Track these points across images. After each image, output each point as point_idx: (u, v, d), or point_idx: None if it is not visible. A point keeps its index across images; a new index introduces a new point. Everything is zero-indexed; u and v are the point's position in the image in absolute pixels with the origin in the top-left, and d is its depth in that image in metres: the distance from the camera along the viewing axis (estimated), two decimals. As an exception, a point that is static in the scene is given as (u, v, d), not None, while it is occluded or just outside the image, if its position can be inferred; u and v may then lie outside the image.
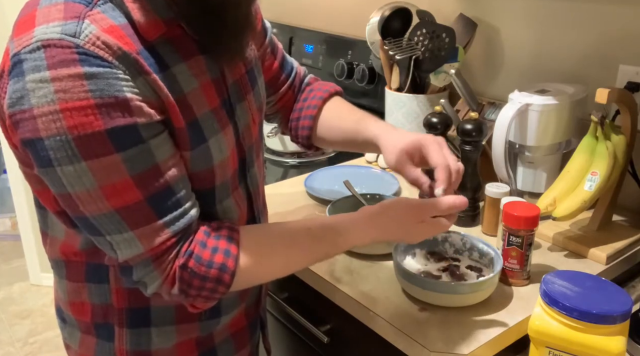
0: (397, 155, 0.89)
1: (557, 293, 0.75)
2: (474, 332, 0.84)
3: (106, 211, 0.67)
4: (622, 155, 1.03)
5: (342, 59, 1.75)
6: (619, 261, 1.03)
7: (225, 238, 0.74)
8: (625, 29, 1.17)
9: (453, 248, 1.00)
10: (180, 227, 0.71)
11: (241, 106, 0.82)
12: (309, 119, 1.03)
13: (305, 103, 1.05)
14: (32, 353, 2.35)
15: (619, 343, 0.73)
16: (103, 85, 0.63)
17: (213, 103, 0.76)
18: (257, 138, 0.88)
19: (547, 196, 1.03)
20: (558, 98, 1.10)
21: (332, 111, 1.04)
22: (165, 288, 0.73)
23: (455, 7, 1.45)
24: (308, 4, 1.99)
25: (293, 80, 1.06)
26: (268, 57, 1.01)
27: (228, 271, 0.73)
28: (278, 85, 1.04)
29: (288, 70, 1.06)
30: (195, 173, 0.75)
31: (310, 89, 1.07)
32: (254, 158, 0.87)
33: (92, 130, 0.63)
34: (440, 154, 0.85)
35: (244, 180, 0.85)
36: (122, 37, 0.66)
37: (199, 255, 0.72)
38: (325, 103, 1.04)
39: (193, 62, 0.74)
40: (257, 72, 0.89)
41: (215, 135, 0.76)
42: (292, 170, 1.47)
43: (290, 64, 1.07)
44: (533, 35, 1.33)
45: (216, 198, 0.79)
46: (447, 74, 1.33)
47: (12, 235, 3.17)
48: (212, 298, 0.75)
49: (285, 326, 1.18)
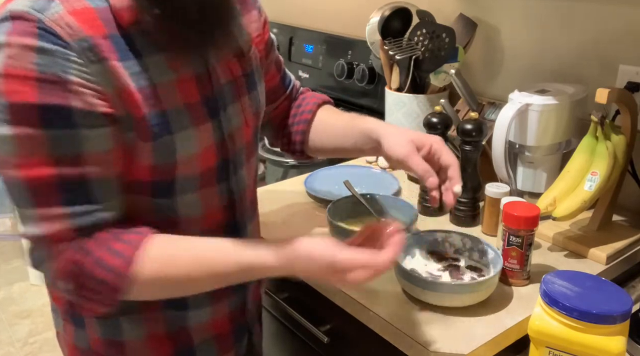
0: (407, 146, 0.86)
1: (557, 293, 0.76)
2: (474, 332, 0.84)
3: (18, 181, 0.68)
4: (622, 155, 1.03)
5: (342, 59, 1.75)
6: (619, 261, 1.03)
7: (128, 244, 0.71)
8: (625, 29, 1.17)
9: (453, 248, 1.00)
10: (83, 223, 0.70)
11: (233, 107, 0.82)
12: (304, 123, 1.03)
13: (299, 109, 1.06)
14: (32, 353, 2.35)
15: (619, 343, 0.73)
16: (51, 62, 0.65)
17: (190, 98, 0.76)
18: (249, 142, 0.88)
19: (547, 196, 1.03)
20: (558, 98, 1.10)
21: (326, 114, 1.05)
22: (57, 281, 0.71)
23: (455, 7, 1.45)
24: (308, 4, 1.99)
25: (290, 91, 1.07)
26: (273, 69, 1.02)
27: (120, 276, 0.70)
28: (277, 95, 1.05)
29: (287, 82, 1.07)
30: (157, 166, 0.75)
31: (303, 97, 1.08)
32: (243, 161, 0.87)
33: (26, 101, 0.65)
34: (451, 153, 0.87)
35: (225, 182, 0.84)
36: (92, 20, 0.68)
37: (95, 253, 0.70)
38: (319, 108, 1.05)
39: (174, 55, 0.74)
40: (258, 78, 0.89)
41: (185, 130, 0.75)
42: (292, 170, 1.47)
43: (289, 77, 1.08)
44: (533, 35, 1.33)
45: (176, 190, 0.78)
46: (447, 74, 1.33)
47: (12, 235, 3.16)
48: (105, 303, 0.72)
49: (285, 326, 1.18)
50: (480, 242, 0.97)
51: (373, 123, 0.95)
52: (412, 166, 0.85)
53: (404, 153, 0.86)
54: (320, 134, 1.03)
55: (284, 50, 2.02)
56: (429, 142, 0.87)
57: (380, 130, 0.92)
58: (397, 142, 0.88)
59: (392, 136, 0.90)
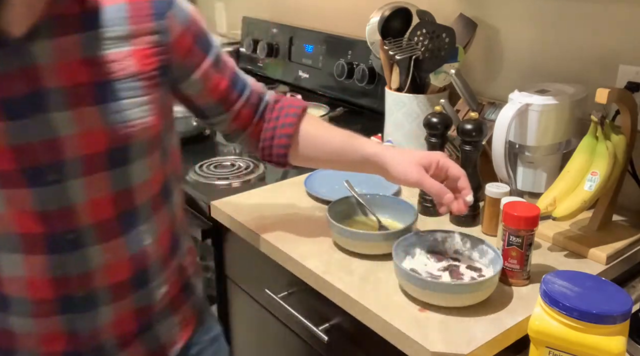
0: (416, 171, 0.92)
1: (557, 293, 0.76)
2: (474, 332, 0.84)
3: None
4: (622, 155, 1.03)
5: (342, 59, 1.75)
6: (619, 261, 1.03)
7: None
8: (625, 29, 1.17)
9: (453, 248, 1.00)
10: None
11: (63, 115, 0.75)
12: (286, 138, 1.00)
13: (278, 121, 1.01)
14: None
15: (619, 343, 0.73)
16: None
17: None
18: (95, 155, 0.78)
19: (547, 196, 1.03)
20: (558, 98, 1.10)
21: (314, 129, 1.02)
22: None
23: (455, 7, 1.45)
24: (308, 4, 1.99)
25: (248, 96, 1.00)
26: (214, 76, 0.94)
27: None
28: (230, 103, 0.98)
29: (240, 87, 0.99)
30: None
31: (280, 107, 1.03)
32: (78, 172, 0.78)
33: None
34: (457, 165, 0.93)
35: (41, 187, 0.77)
36: None
37: None
38: (301, 120, 1.02)
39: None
40: (129, 91, 0.80)
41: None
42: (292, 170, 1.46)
43: (243, 82, 1.00)
44: (533, 35, 1.33)
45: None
46: (447, 74, 1.33)
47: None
48: None
49: (285, 325, 1.18)
50: (480, 242, 0.97)
51: (374, 149, 0.96)
52: (427, 189, 0.92)
53: (416, 179, 0.92)
54: (310, 149, 1.02)
55: (284, 50, 2.02)
56: (435, 160, 0.93)
57: (384, 158, 0.94)
58: (405, 169, 0.92)
59: (398, 164, 0.93)
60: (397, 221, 1.11)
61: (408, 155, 0.94)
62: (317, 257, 1.03)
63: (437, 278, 0.93)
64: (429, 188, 0.91)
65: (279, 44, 2.04)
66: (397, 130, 1.39)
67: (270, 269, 1.15)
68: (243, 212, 1.19)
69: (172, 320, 0.94)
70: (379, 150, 0.96)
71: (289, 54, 2.00)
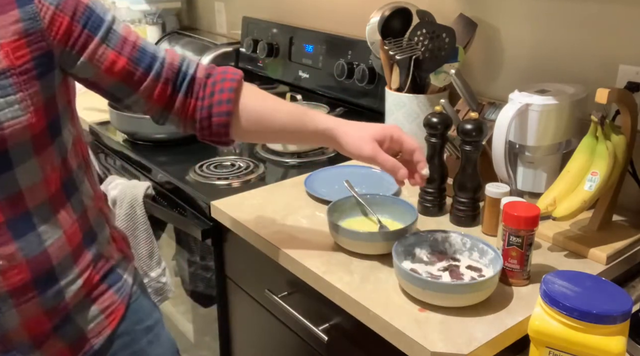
0: (369, 144, 0.90)
1: (557, 293, 0.76)
2: (474, 332, 0.84)
3: None
4: (622, 155, 1.03)
5: (342, 59, 1.75)
6: (619, 261, 1.03)
7: None
8: (625, 29, 1.17)
9: (453, 248, 1.00)
10: None
11: None
12: (225, 116, 0.92)
13: (213, 98, 0.92)
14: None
15: (619, 343, 0.73)
16: None
17: None
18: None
19: (547, 196, 1.03)
20: (558, 98, 1.10)
21: (258, 103, 0.94)
22: None
23: (455, 7, 1.45)
24: (308, 4, 1.99)
25: (159, 72, 0.90)
26: (107, 57, 0.85)
27: None
28: (135, 82, 0.89)
29: (146, 63, 0.89)
30: None
31: (213, 82, 0.93)
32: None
33: None
34: (412, 138, 0.92)
35: None
36: None
37: None
38: (239, 94, 0.93)
39: None
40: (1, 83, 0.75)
41: None
42: (292, 170, 1.47)
43: (151, 56, 0.89)
44: (533, 35, 1.33)
45: None
46: (447, 74, 1.33)
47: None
48: None
49: (285, 325, 1.18)
50: (480, 242, 0.97)
51: (325, 123, 0.93)
52: (380, 164, 0.90)
53: (369, 154, 0.89)
54: (255, 125, 0.94)
55: (284, 50, 2.02)
56: (389, 133, 0.91)
57: (337, 132, 0.92)
58: (358, 142, 0.90)
59: (351, 137, 0.90)
60: (397, 221, 1.11)
61: (362, 130, 0.91)
62: (317, 257, 1.03)
63: (437, 278, 0.93)
64: (382, 163, 0.89)
65: (279, 44, 2.04)
66: (397, 130, 1.39)
67: (271, 269, 1.15)
68: (243, 212, 1.19)
69: (93, 310, 0.91)
70: (331, 125, 0.93)
71: (289, 54, 2.00)
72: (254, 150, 1.59)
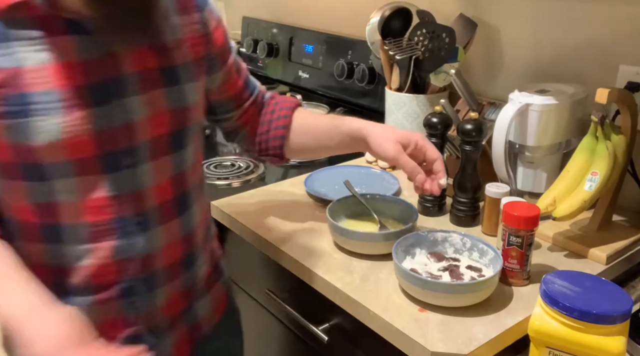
0: (394, 146, 0.95)
1: (557, 293, 0.76)
2: (474, 332, 0.84)
3: None
4: (622, 155, 1.03)
5: (342, 59, 1.75)
6: (619, 261, 1.03)
7: None
8: (625, 29, 1.17)
9: (453, 248, 1.00)
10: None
11: (136, 99, 0.79)
12: (282, 129, 1.06)
13: (274, 115, 1.07)
14: (32, 353, 2.34)
15: (619, 343, 0.73)
16: None
17: (64, 84, 0.74)
18: (160, 138, 0.83)
19: (547, 196, 1.03)
20: (558, 98, 1.10)
21: (303, 117, 1.08)
22: None
23: (455, 7, 1.45)
24: (308, 4, 1.99)
25: (255, 98, 1.09)
26: (234, 75, 1.03)
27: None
28: (241, 101, 1.06)
29: (251, 87, 1.08)
30: (16, 145, 0.74)
31: (275, 102, 1.09)
32: (146, 156, 0.82)
33: None
34: (435, 148, 0.97)
35: (115, 173, 0.79)
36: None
37: None
38: (294, 112, 1.08)
39: (56, 41, 0.73)
40: (185, 76, 0.86)
41: (48, 114, 0.73)
42: (292, 170, 1.47)
43: (254, 84, 1.09)
44: (533, 35, 1.33)
45: (50, 174, 0.76)
46: (447, 74, 1.33)
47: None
48: None
49: (285, 326, 1.18)
50: (480, 242, 0.97)
51: (356, 124, 1.02)
52: (401, 165, 0.95)
53: (392, 154, 0.96)
54: (300, 136, 1.07)
55: (284, 50, 2.02)
56: (414, 140, 0.97)
57: (366, 131, 0.99)
58: (384, 143, 0.96)
59: (378, 137, 0.97)
60: (397, 221, 1.11)
61: (389, 132, 0.98)
62: (317, 256, 1.03)
63: (437, 278, 0.93)
64: (403, 164, 0.95)
65: (279, 44, 2.04)
66: (397, 130, 1.39)
67: (271, 269, 1.15)
68: (243, 212, 1.19)
69: (207, 298, 0.97)
70: (362, 125, 1.01)
71: (289, 54, 2.00)
72: (254, 150, 1.59)
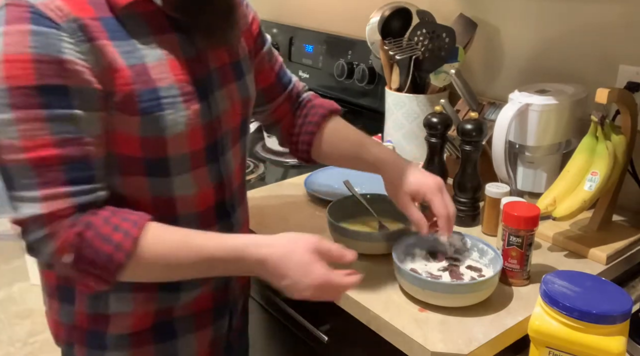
0: (401, 197, 0.95)
1: (557, 293, 0.75)
2: (474, 332, 0.84)
3: (22, 163, 0.70)
4: (622, 155, 1.03)
5: (342, 59, 1.75)
6: (619, 261, 1.03)
7: (130, 222, 0.75)
8: (625, 28, 1.17)
9: (453, 248, 1.00)
10: (85, 200, 0.73)
11: (220, 92, 0.86)
12: (308, 135, 1.06)
13: (306, 119, 1.07)
14: (32, 353, 2.35)
15: (619, 343, 0.73)
16: (44, 43, 0.69)
17: (181, 79, 0.79)
18: (235, 128, 0.91)
19: (547, 196, 1.03)
20: (558, 98, 1.10)
21: (333, 131, 1.06)
22: (57, 256, 0.73)
23: (455, 7, 1.45)
24: (308, 4, 1.99)
25: (290, 92, 1.08)
26: (266, 67, 1.03)
27: (123, 251, 0.73)
28: (274, 94, 1.06)
29: (285, 82, 1.08)
30: (146, 139, 0.78)
31: (311, 106, 1.08)
32: (229, 145, 0.90)
33: (25, 83, 0.69)
34: (442, 205, 0.92)
35: (214, 163, 0.87)
36: (81, 3, 0.72)
37: (99, 228, 0.73)
38: (326, 120, 1.06)
39: (164, 38, 0.78)
40: (246, 68, 0.93)
41: (175, 108, 0.78)
42: (292, 170, 1.47)
43: (289, 77, 1.09)
44: (533, 35, 1.33)
45: (171, 169, 0.81)
46: (447, 74, 1.33)
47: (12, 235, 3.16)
48: (103, 278, 0.74)
49: (285, 326, 1.18)
50: (480, 242, 0.97)
51: (376, 156, 1.00)
52: (408, 215, 0.96)
53: (400, 204, 0.96)
54: (326, 147, 1.06)
55: (284, 50, 2.02)
56: (422, 192, 0.94)
57: (382, 171, 0.99)
58: (394, 190, 0.97)
59: (391, 184, 0.98)
60: (397, 221, 1.11)
61: (402, 180, 0.95)
62: (317, 257, 1.03)
63: (437, 278, 0.93)
64: (409, 215, 0.95)
65: (279, 44, 2.04)
66: (397, 130, 1.39)
67: (270, 269, 1.15)
68: (243, 212, 1.19)
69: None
70: (379, 164, 0.99)
71: (289, 54, 2.00)
72: (254, 150, 1.59)
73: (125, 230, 0.73)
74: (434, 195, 0.93)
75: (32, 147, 0.70)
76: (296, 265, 0.76)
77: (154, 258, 0.75)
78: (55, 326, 0.93)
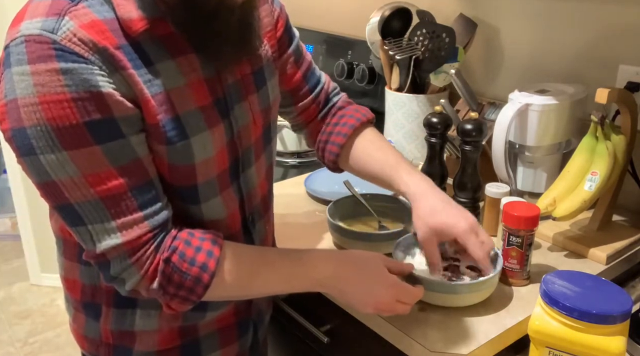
0: (427, 233, 0.88)
1: (557, 293, 0.75)
2: (474, 332, 0.84)
3: (91, 198, 0.69)
4: (622, 155, 1.03)
5: (342, 59, 1.75)
6: (619, 261, 1.03)
7: (210, 241, 0.76)
8: (625, 28, 1.17)
9: (453, 248, 0.99)
10: (158, 221, 0.73)
11: (240, 106, 0.82)
12: (337, 147, 0.99)
13: (335, 128, 1.00)
14: (32, 353, 2.35)
15: (619, 343, 0.73)
16: (78, 80, 0.65)
17: (202, 102, 0.76)
18: (257, 139, 0.87)
19: (547, 196, 1.03)
20: (558, 98, 1.10)
21: (364, 147, 0.99)
22: (144, 283, 0.73)
23: (455, 7, 1.45)
24: (308, 4, 1.99)
25: (318, 94, 1.02)
26: (291, 67, 0.98)
27: (208, 271, 0.74)
28: (299, 97, 1.00)
29: (313, 83, 1.01)
30: (175, 167, 0.76)
31: (342, 115, 1.02)
32: (252, 159, 0.87)
33: (70, 123, 0.66)
34: (478, 246, 0.86)
35: (236, 180, 0.85)
36: (102, 32, 0.68)
37: (183, 251, 0.74)
38: (357, 133, 1.00)
39: (183, 60, 0.74)
40: (268, 74, 0.88)
41: (201, 133, 0.76)
42: (292, 170, 1.47)
43: (317, 77, 1.03)
44: (533, 35, 1.33)
45: (200, 196, 0.80)
46: (447, 74, 1.33)
47: (12, 235, 3.16)
48: (189, 299, 0.76)
49: (285, 326, 1.18)
50: (480, 242, 0.97)
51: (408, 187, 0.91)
52: (426, 255, 0.91)
53: (421, 238, 0.89)
54: (356, 160, 1.00)
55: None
56: (453, 233, 0.86)
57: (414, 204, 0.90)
58: (420, 224, 0.88)
59: (419, 215, 0.89)
60: (397, 221, 1.11)
61: (433, 215, 0.88)
62: (317, 257, 1.03)
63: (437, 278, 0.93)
64: (428, 256, 0.90)
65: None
66: (397, 130, 1.39)
67: (270, 269, 1.15)
68: (243, 212, 1.19)
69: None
70: (412, 194, 0.91)
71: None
72: (254, 150, 1.58)
73: (207, 251, 0.75)
74: (467, 239, 0.86)
75: (98, 181, 0.68)
76: (371, 272, 0.80)
77: (235, 276, 0.77)
78: (80, 338, 0.91)
